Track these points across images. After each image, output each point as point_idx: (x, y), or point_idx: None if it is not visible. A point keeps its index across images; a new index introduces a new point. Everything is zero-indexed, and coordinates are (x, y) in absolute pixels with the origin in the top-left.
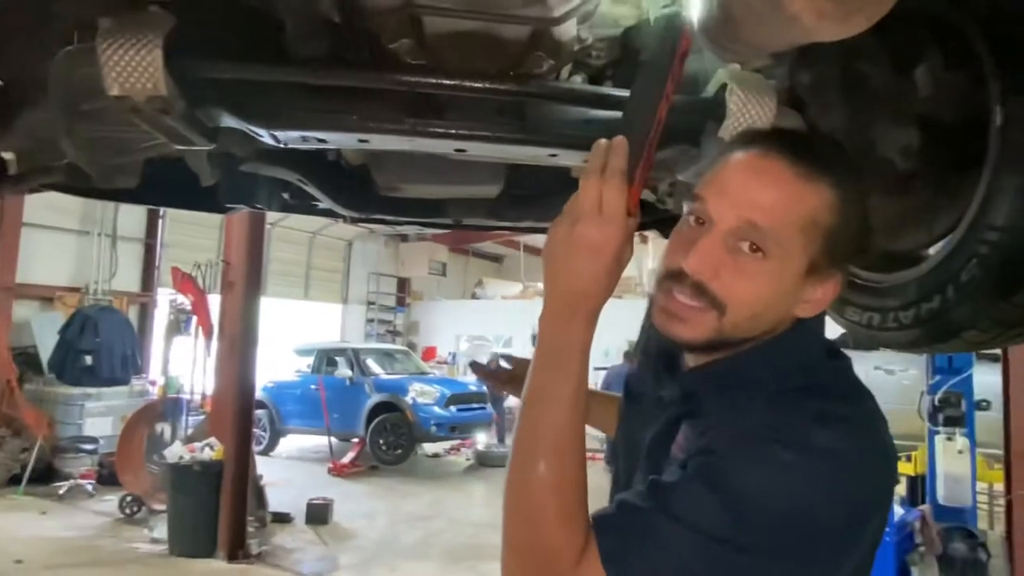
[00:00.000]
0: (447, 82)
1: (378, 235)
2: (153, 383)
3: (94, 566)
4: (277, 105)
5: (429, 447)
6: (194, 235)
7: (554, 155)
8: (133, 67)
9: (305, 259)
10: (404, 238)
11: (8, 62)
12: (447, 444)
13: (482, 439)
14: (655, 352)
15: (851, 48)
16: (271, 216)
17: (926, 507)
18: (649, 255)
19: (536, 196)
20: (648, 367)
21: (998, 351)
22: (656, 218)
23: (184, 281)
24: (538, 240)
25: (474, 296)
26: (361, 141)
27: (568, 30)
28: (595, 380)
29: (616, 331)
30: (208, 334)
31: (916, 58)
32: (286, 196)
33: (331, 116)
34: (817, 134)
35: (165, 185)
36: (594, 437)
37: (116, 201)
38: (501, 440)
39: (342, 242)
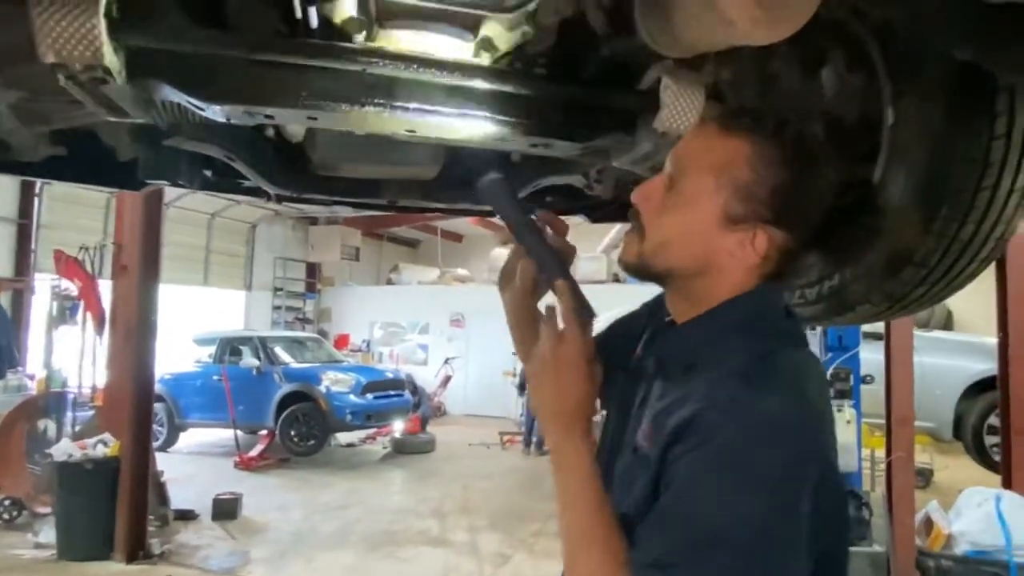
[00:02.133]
0: (397, 69)
1: (285, 218)
2: (32, 377)
3: None
4: (224, 79)
5: (344, 437)
6: (76, 215)
7: (502, 137)
8: (71, 34)
9: (204, 243)
10: (314, 221)
11: None
12: (363, 433)
13: (399, 427)
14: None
15: (766, 49)
16: (166, 196)
17: None
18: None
19: (472, 178)
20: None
21: (881, 329)
22: (585, 204)
23: (69, 265)
24: (455, 225)
25: (389, 282)
26: (310, 119)
27: (517, 20)
28: (515, 364)
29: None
30: (99, 322)
31: (822, 61)
32: (208, 173)
33: (280, 92)
34: (765, 110)
35: (75, 159)
36: (511, 421)
37: (20, 176)
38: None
39: (245, 225)
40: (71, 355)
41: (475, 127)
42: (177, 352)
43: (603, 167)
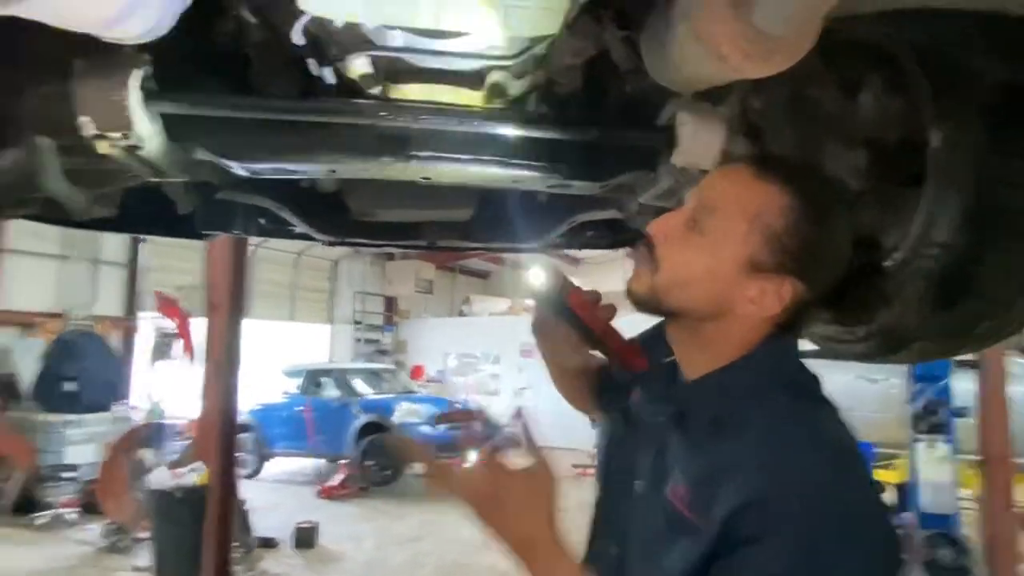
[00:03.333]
0: (409, 121)
1: (363, 254)
2: (135, 408)
3: None
4: (247, 139)
5: (419, 467)
6: (176, 258)
7: (517, 180)
8: (107, 107)
9: (290, 280)
10: (390, 256)
11: None
12: None
13: (472, 458)
14: (655, 382)
15: (799, 74)
16: (254, 238)
17: (910, 515)
18: None
19: (505, 218)
20: (649, 394)
21: (976, 357)
22: (627, 236)
23: (167, 304)
24: (525, 256)
25: (461, 313)
26: (330, 172)
27: (524, 67)
28: None
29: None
30: (192, 357)
31: (859, 83)
32: (263, 221)
33: (299, 149)
34: (798, 160)
35: (143, 213)
36: (584, 453)
37: (96, 230)
38: None
39: (327, 262)
40: (169, 388)
41: (489, 172)
42: (267, 384)
43: (638, 202)
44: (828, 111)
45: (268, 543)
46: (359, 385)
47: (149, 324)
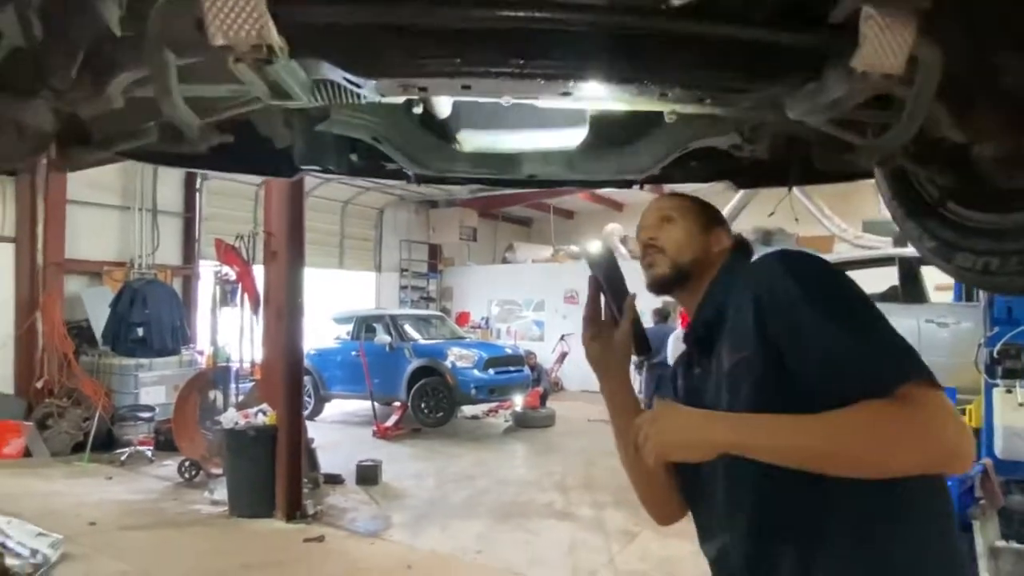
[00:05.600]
0: (551, 15)
1: (408, 202)
2: (201, 353)
3: (162, 527)
4: (380, 52)
5: (468, 410)
6: (231, 207)
7: (664, 95)
8: (237, 14)
9: (339, 228)
10: (434, 204)
11: (95, 21)
12: (485, 407)
13: (519, 401)
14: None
15: None
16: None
17: (988, 461)
18: None
19: (614, 146)
20: (681, 377)
21: None
22: (731, 167)
23: (228, 252)
24: (567, 202)
25: (505, 261)
26: (464, 88)
27: None
28: None
29: (646, 293)
30: (255, 304)
31: None
32: (354, 157)
33: (436, 61)
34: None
35: (235, 150)
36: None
37: (188, 168)
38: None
39: (373, 210)
40: (233, 333)
41: (636, 89)
42: (318, 330)
43: (758, 124)
44: (1006, 14)
45: (334, 479)
46: (410, 330)
47: (209, 271)
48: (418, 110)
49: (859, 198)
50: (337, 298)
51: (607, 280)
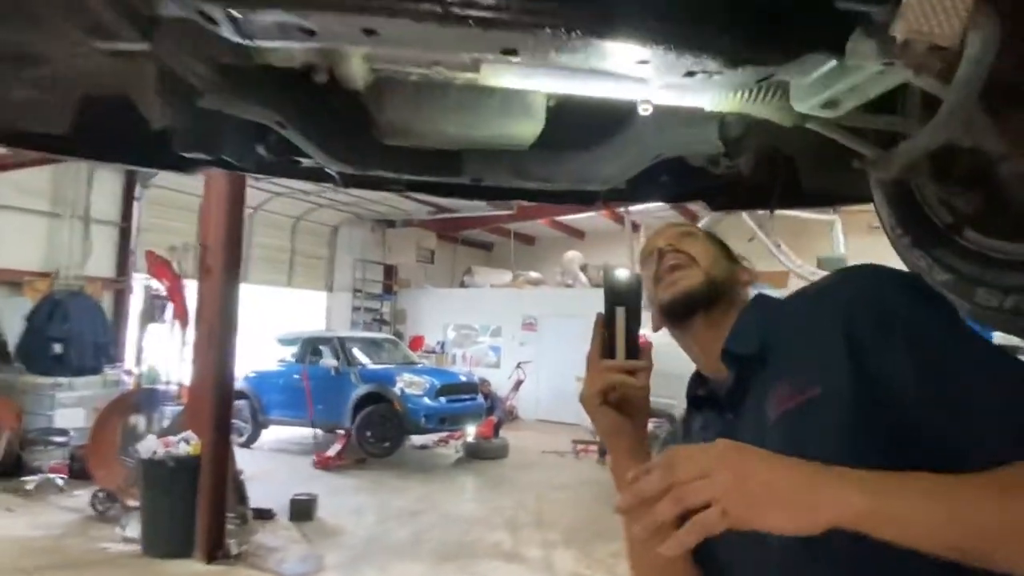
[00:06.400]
0: None
1: (364, 220)
2: (128, 372)
3: (61, 569)
4: None
5: (417, 439)
6: (171, 218)
7: (644, 61)
8: None
9: (289, 245)
10: (391, 224)
11: None
12: (436, 436)
13: (472, 431)
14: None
15: None
16: (253, 199)
17: None
18: (639, 244)
19: (574, 150)
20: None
21: None
22: (699, 186)
23: (158, 265)
24: (528, 228)
25: (463, 284)
26: (368, 33)
27: None
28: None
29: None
30: (184, 321)
31: None
32: (262, 151)
33: None
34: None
35: (105, 131)
36: (584, 429)
37: (44, 151)
38: None
39: (327, 228)
40: (162, 352)
41: (605, 49)
42: (262, 351)
43: (742, 134)
44: None
45: (264, 514)
46: (359, 354)
47: (141, 286)
48: (322, 78)
49: (813, 234)
50: (285, 317)
51: (630, 315)
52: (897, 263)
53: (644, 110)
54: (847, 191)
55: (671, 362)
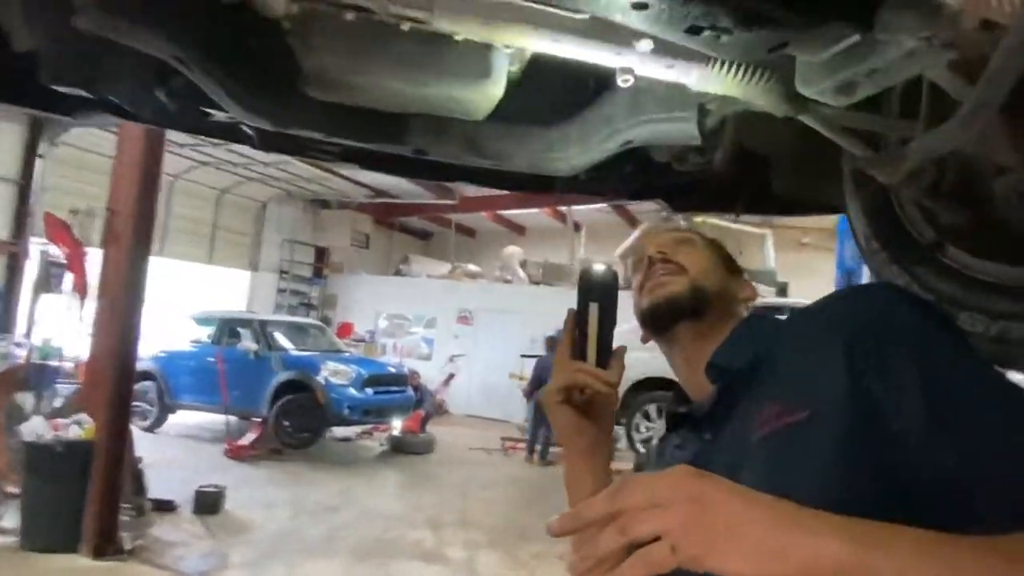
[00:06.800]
0: None
1: (296, 199)
2: (19, 345)
3: None
4: None
5: (339, 431)
6: (81, 180)
7: (642, 6)
8: None
9: (211, 218)
10: (325, 204)
11: None
12: (359, 428)
13: (398, 424)
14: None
15: None
16: (174, 167)
17: None
18: (581, 244)
19: (536, 126)
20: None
21: None
22: (662, 183)
23: (57, 229)
24: (470, 220)
25: (399, 272)
26: None
27: None
28: (523, 367)
29: (544, 319)
30: (83, 292)
31: None
32: (163, 97)
33: None
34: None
35: None
36: (514, 426)
37: None
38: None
39: (255, 203)
40: (58, 325)
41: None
42: (175, 330)
43: (719, 128)
44: None
45: (165, 506)
46: (281, 339)
47: (38, 251)
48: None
49: (744, 246)
50: (204, 295)
51: (604, 313)
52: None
53: (624, 81)
54: (818, 199)
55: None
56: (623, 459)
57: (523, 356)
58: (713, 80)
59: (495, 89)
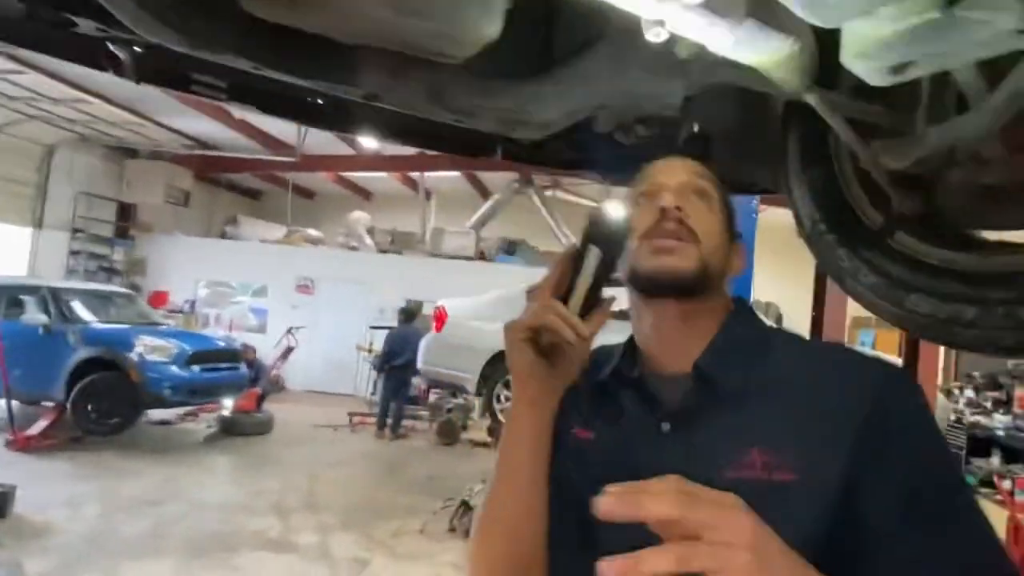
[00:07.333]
0: None
1: (93, 144)
2: None
3: None
4: None
5: (157, 413)
6: None
7: None
8: None
9: None
10: (133, 154)
11: None
12: (180, 410)
13: (228, 403)
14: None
15: None
16: None
17: None
18: (432, 212)
19: (510, 79)
20: (604, 418)
21: None
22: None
23: None
24: (308, 180)
25: (224, 235)
26: None
27: None
28: (371, 338)
29: (394, 289)
30: None
31: None
32: None
33: None
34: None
35: None
36: (361, 400)
37: None
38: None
39: (39, 147)
40: None
41: None
42: None
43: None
44: None
45: None
46: (80, 310)
47: None
48: None
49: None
50: None
51: (603, 262)
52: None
53: (655, 35)
54: (753, 180)
55: (464, 335)
56: (477, 428)
57: (372, 328)
58: (753, 46)
59: (491, 28)
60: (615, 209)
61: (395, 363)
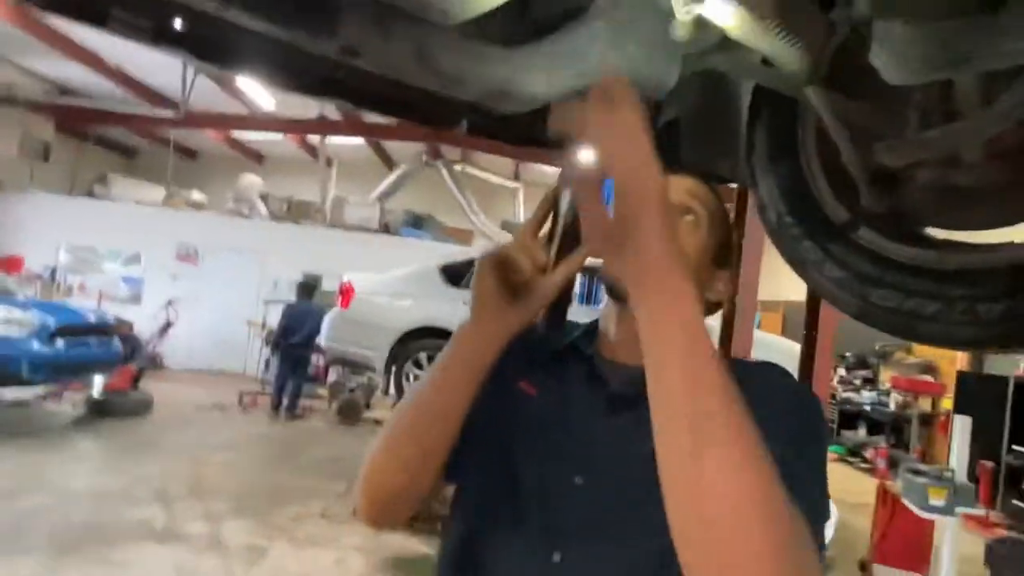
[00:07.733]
0: None
1: None
2: None
3: None
4: None
5: (11, 392)
6: None
7: None
8: None
9: None
10: None
11: None
12: (40, 389)
13: (99, 382)
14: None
15: None
16: None
17: None
18: (332, 181)
19: (502, 46)
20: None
21: None
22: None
23: None
24: (191, 139)
25: (92, 194)
26: None
27: None
28: (265, 313)
29: (289, 261)
30: None
31: None
32: None
33: None
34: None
35: None
36: (251, 379)
37: None
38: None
39: None
40: None
41: None
42: None
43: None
44: None
45: None
46: None
47: None
48: None
49: (499, 198)
50: None
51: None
52: None
53: (686, 12)
54: (716, 171)
55: (372, 312)
56: (381, 406)
57: (266, 302)
58: (808, 35)
59: None
60: (588, 153)
61: (292, 340)
